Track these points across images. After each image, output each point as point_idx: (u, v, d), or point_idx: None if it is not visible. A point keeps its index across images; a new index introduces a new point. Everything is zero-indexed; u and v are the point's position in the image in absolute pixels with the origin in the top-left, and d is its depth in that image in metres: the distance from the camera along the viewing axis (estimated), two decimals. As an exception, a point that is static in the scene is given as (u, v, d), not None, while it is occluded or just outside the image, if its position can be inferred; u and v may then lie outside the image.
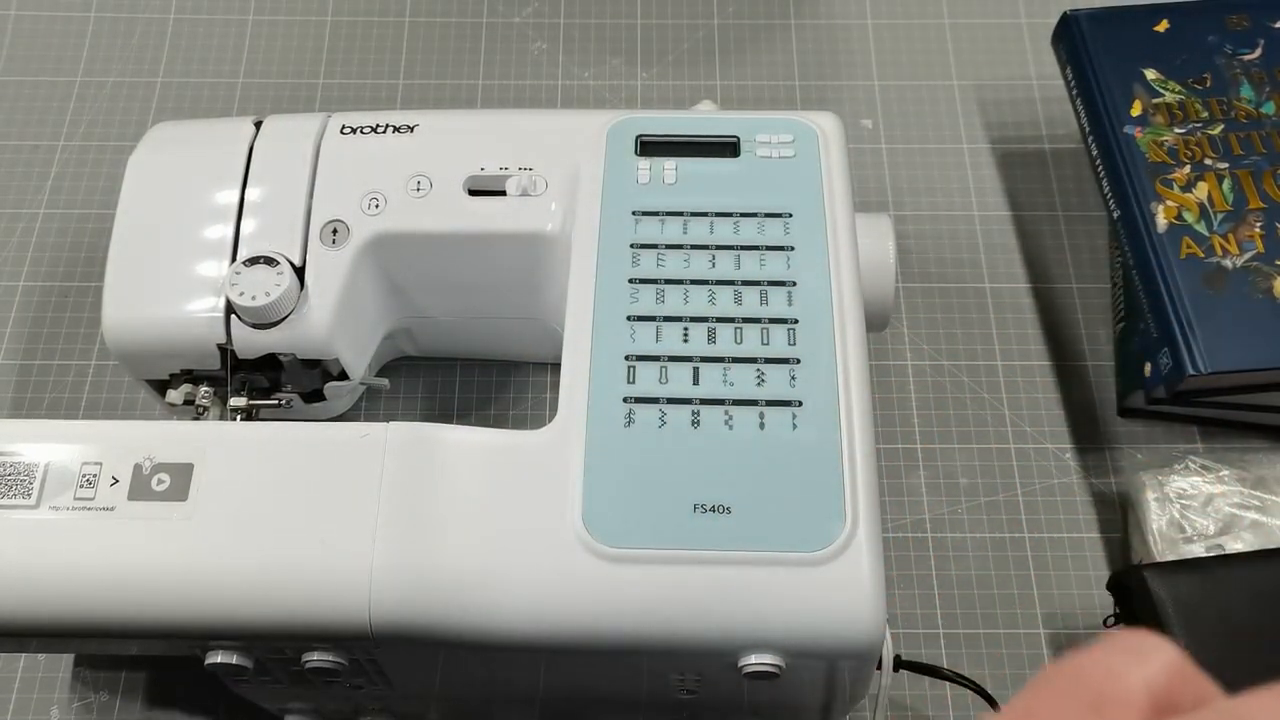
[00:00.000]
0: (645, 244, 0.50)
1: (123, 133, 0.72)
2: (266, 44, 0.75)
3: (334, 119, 0.55)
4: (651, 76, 0.74)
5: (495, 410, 0.63)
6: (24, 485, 0.44)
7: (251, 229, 0.53)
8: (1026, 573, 0.59)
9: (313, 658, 0.43)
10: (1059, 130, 0.72)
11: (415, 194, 0.53)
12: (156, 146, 0.56)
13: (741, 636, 0.42)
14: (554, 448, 0.45)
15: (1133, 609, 0.52)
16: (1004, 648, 0.57)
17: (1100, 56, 0.65)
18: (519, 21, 0.76)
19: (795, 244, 0.49)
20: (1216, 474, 0.58)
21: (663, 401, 0.45)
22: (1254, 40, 0.65)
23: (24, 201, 0.70)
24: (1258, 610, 0.51)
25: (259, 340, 0.52)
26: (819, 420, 0.45)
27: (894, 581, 0.59)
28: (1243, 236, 0.59)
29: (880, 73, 0.74)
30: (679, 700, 0.48)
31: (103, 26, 0.76)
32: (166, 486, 0.44)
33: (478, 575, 0.42)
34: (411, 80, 0.74)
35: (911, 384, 0.64)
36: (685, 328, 0.47)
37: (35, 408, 0.63)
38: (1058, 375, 0.65)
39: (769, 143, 0.52)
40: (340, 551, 0.42)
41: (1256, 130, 0.62)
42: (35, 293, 0.67)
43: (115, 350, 0.52)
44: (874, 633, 0.41)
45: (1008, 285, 0.67)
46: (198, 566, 0.42)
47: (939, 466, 0.62)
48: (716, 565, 0.42)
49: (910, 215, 0.69)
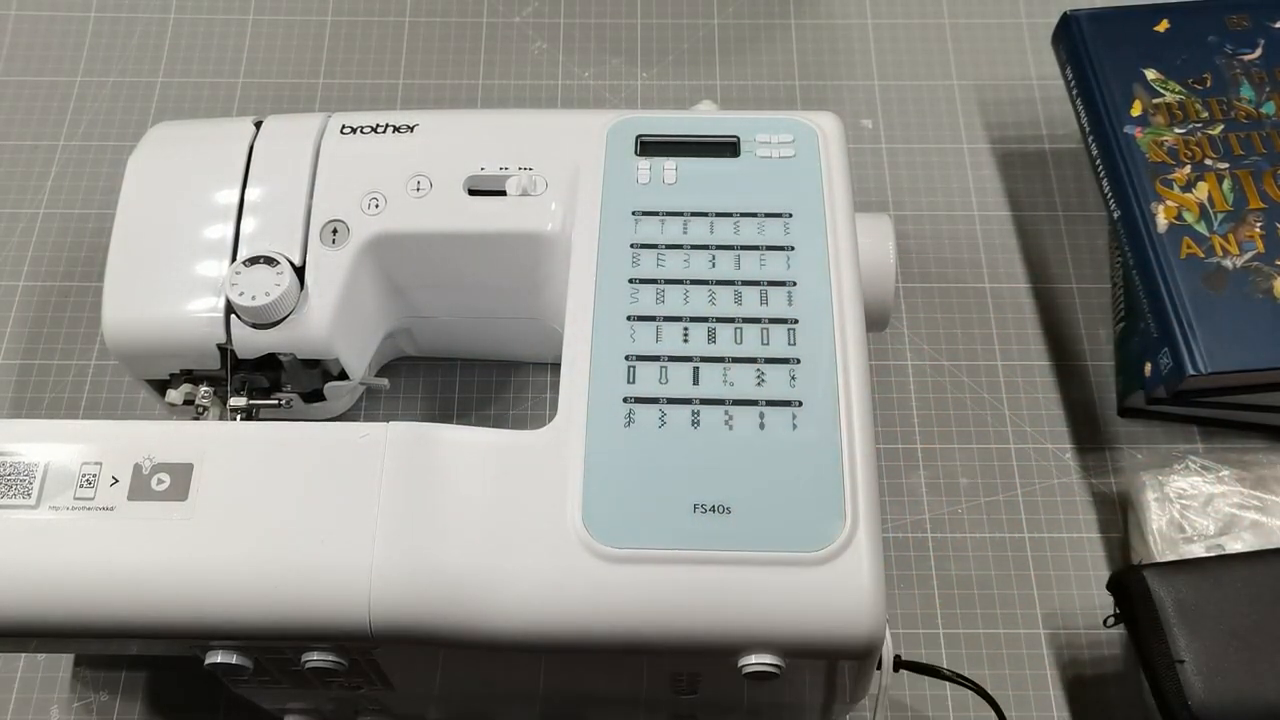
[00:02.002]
0: (645, 244, 0.50)
1: (123, 133, 0.72)
2: (266, 44, 0.75)
3: (334, 119, 0.55)
4: (651, 76, 0.74)
5: (495, 410, 0.63)
6: (24, 485, 0.44)
7: (251, 229, 0.53)
8: (1026, 573, 0.59)
9: (312, 658, 0.43)
10: (1059, 130, 0.72)
11: (415, 194, 0.53)
12: (156, 146, 0.56)
13: (741, 636, 0.42)
14: (554, 448, 0.45)
15: (1133, 609, 0.52)
16: (1004, 648, 0.57)
17: (1100, 56, 0.65)
18: (519, 21, 0.76)
19: (795, 244, 0.49)
20: (1216, 474, 0.58)
21: (663, 401, 0.45)
22: (1254, 40, 0.65)
23: (24, 201, 0.70)
24: (1258, 610, 0.51)
25: (259, 340, 0.52)
26: (819, 420, 0.45)
27: (894, 581, 0.59)
28: (1243, 236, 0.59)
29: (880, 73, 0.74)
30: (679, 700, 0.48)
31: (103, 26, 0.76)
32: (166, 486, 0.44)
33: (477, 575, 0.42)
34: (411, 80, 0.74)
35: (911, 384, 0.64)
36: (685, 328, 0.47)
37: (35, 408, 0.63)
38: (1058, 375, 0.65)
39: (769, 143, 0.52)
40: (340, 551, 0.42)
41: (1256, 130, 0.62)
42: (35, 293, 0.67)
43: (115, 350, 0.52)
44: (874, 633, 0.41)
45: (1008, 285, 0.67)
46: (197, 566, 0.42)
47: (939, 466, 0.62)
48: (716, 565, 0.42)
49: (910, 215, 0.69)
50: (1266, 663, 0.49)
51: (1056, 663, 0.57)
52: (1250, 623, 0.50)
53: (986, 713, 0.54)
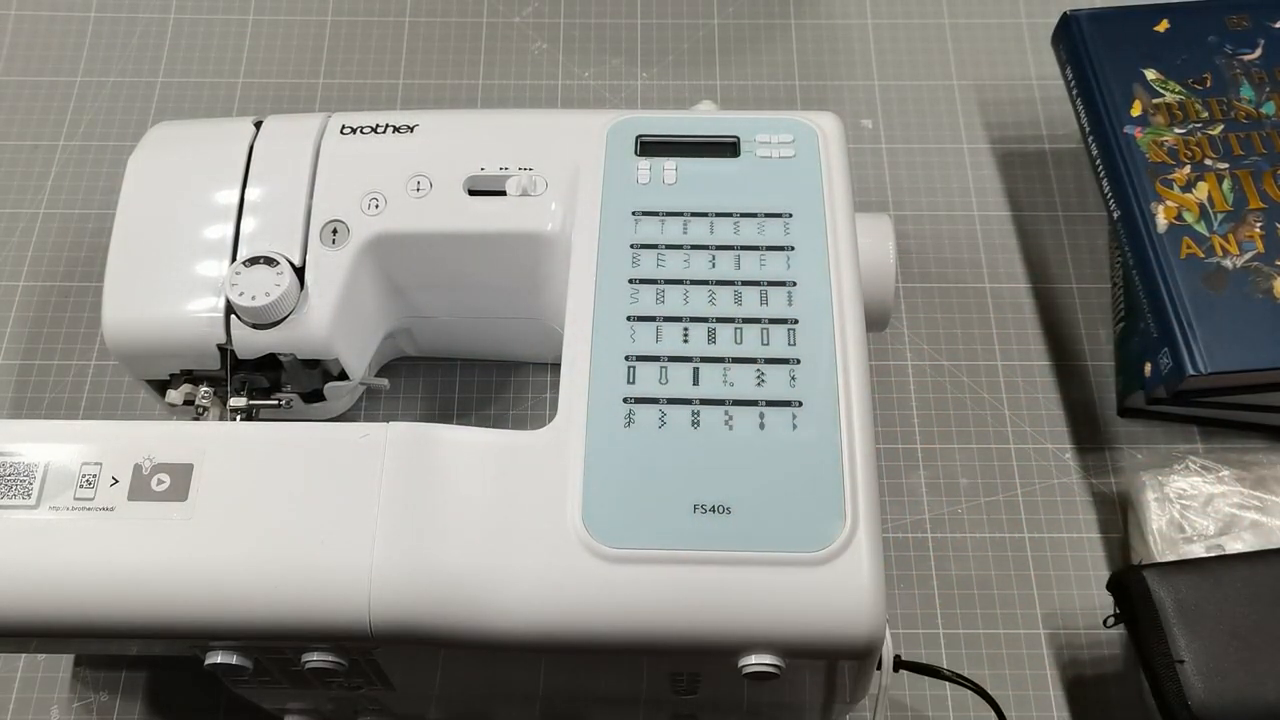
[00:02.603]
0: (645, 244, 0.50)
1: (123, 133, 0.72)
2: (266, 44, 0.75)
3: (334, 119, 0.55)
4: (651, 76, 0.74)
5: (495, 410, 0.63)
6: (24, 485, 0.44)
7: (251, 229, 0.53)
8: (1026, 573, 0.59)
9: (312, 658, 0.43)
10: (1059, 130, 0.72)
11: (415, 194, 0.53)
12: (156, 146, 0.56)
13: (741, 636, 0.42)
14: (554, 448, 0.45)
15: (1133, 609, 0.52)
16: (1004, 648, 0.57)
17: (1100, 56, 0.65)
18: (519, 21, 0.76)
19: (795, 244, 0.49)
20: (1216, 474, 0.58)
21: (663, 402, 0.45)
22: (1254, 40, 0.65)
23: (24, 201, 0.70)
24: (1258, 610, 0.51)
25: (259, 340, 0.52)
26: (819, 420, 0.45)
27: (894, 581, 0.59)
28: (1243, 236, 0.59)
29: (880, 73, 0.74)
30: (679, 700, 0.48)
31: (103, 26, 0.76)
32: (166, 486, 0.44)
33: (477, 575, 0.42)
34: (411, 80, 0.74)
35: (911, 384, 0.64)
36: (685, 328, 0.47)
37: (35, 408, 0.63)
38: (1058, 375, 0.65)
39: (769, 143, 0.52)
40: (340, 551, 0.42)
41: (1256, 130, 0.62)
42: (35, 293, 0.67)
43: (115, 350, 0.52)
44: (874, 633, 0.41)
45: (1008, 285, 0.67)
46: (197, 566, 0.42)
47: (939, 466, 0.62)
48: (716, 565, 0.42)
49: (910, 215, 0.69)
50: (1266, 663, 0.50)
51: (1056, 663, 0.57)
52: (1250, 623, 0.50)
53: (986, 713, 0.54)
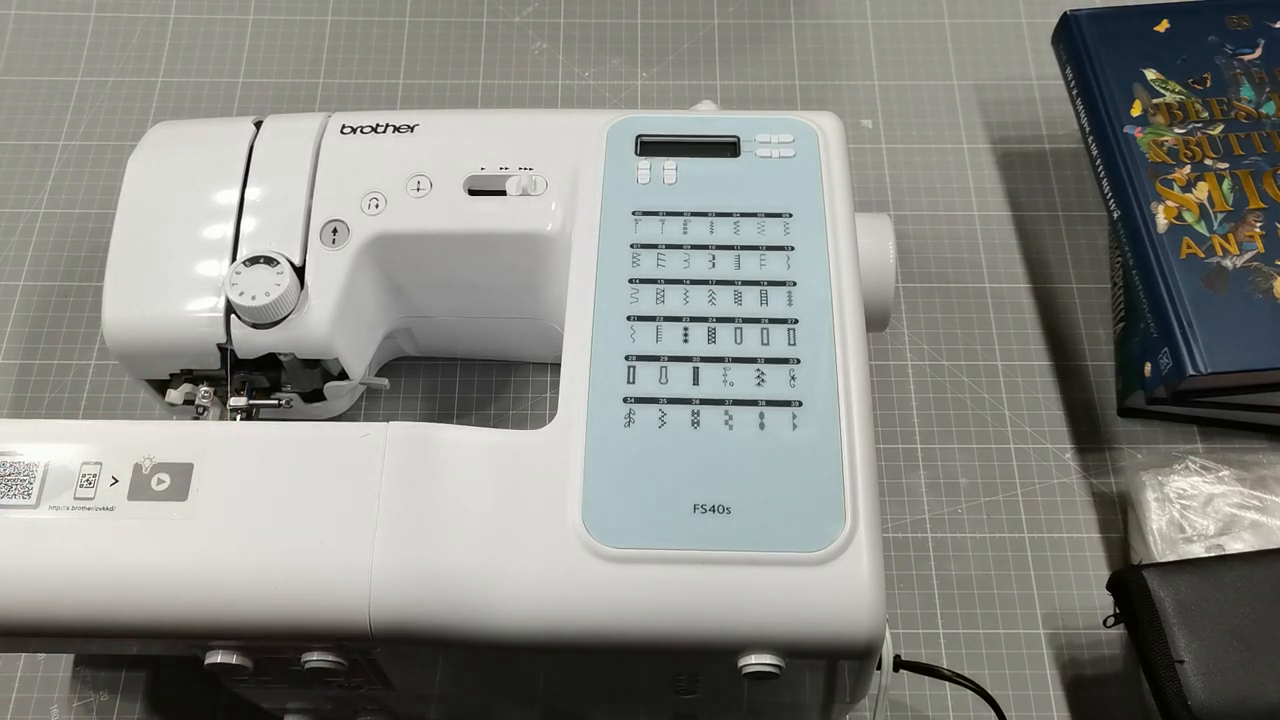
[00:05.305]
0: (645, 244, 0.50)
1: (123, 133, 0.72)
2: (266, 44, 0.75)
3: (334, 119, 0.55)
4: (651, 76, 0.74)
5: (495, 410, 0.63)
6: (24, 485, 0.44)
7: (251, 229, 0.53)
8: (1026, 573, 0.59)
9: (312, 658, 0.43)
10: (1059, 130, 0.72)
11: (415, 194, 0.53)
12: (156, 146, 0.56)
13: (741, 636, 0.42)
14: (554, 448, 0.45)
15: (1133, 609, 0.52)
16: (1004, 648, 0.57)
17: (1100, 56, 0.65)
18: (519, 21, 0.76)
19: (795, 244, 0.49)
20: (1216, 474, 0.58)
21: (663, 401, 0.45)
22: (1254, 40, 0.65)
23: (24, 201, 0.70)
24: (1258, 610, 0.51)
25: (259, 340, 0.52)
26: (819, 420, 0.45)
27: (894, 581, 0.59)
28: (1243, 236, 0.59)
29: (880, 73, 0.74)
30: (679, 700, 0.48)
31: (103, 26, 0.76)
32: (166, 486, 0.44)
33: (477, 575, 0.42)
34: (411, 80, 0.74)
35: (911, 384, 0.64)
36: (685, 328, 0.47)
37: (35, 408, 0.63)
38: (1058, 375, 0.65)
39: (769, 143, 0.52)
40: (340, 551, 0.42)
41: (1256, 130, 0.62)
42: (35, 293, 0.67)
43: (115, 350, 0.52)
44: (874, 633, 0.41)
45: (1008, 285, 0.67)
46: (197, 566, 0.42)
47: (939, 466, 0.62)
48: (716, 565, 0.42)
49: (910, 215, 0.69)
50: (1266, 663, 0.50)
51: (1056, 663, 0.57)
52: (1250, 623, 0.50)
53: (986, 713, 0.54)
